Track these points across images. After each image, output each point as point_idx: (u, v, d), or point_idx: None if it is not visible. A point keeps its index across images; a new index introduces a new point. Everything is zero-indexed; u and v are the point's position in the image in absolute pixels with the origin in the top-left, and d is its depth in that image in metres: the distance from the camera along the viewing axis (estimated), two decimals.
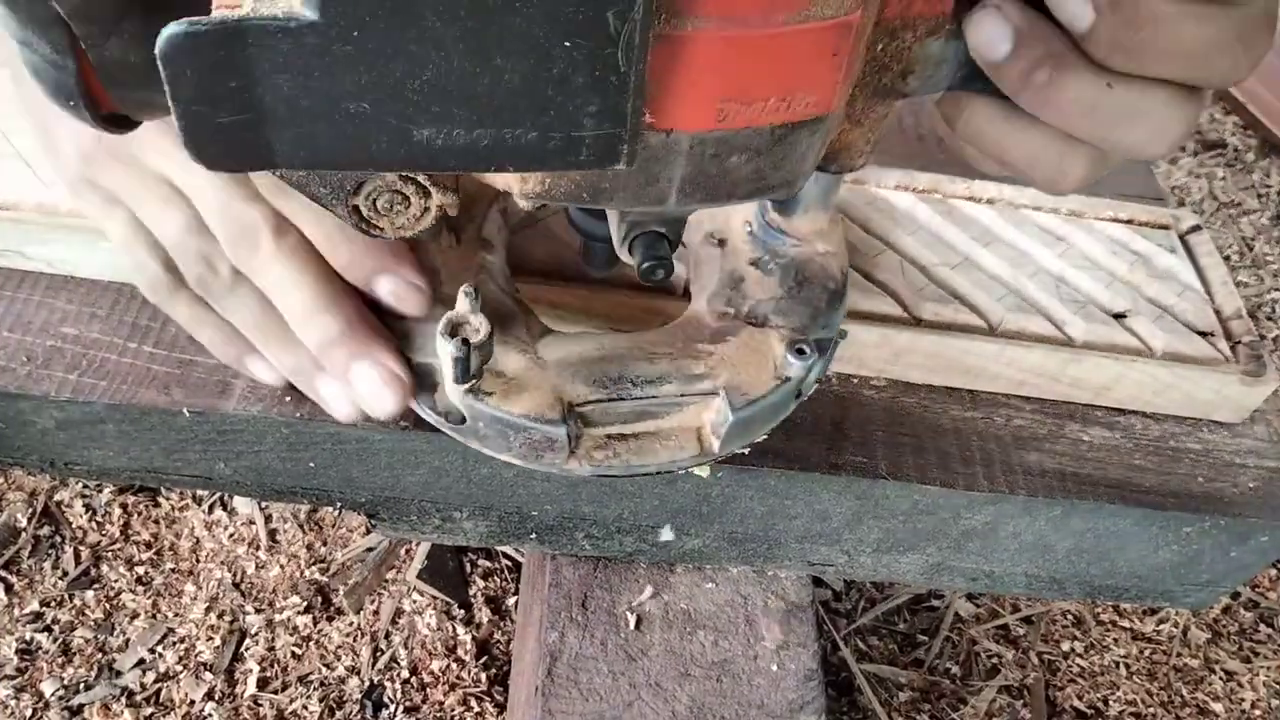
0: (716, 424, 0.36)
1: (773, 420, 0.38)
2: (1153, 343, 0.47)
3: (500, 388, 0.35)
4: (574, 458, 0.35)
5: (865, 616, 0.75)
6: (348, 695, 0.66)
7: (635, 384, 0.36)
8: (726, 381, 0.36)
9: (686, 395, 0.36)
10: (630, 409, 0.36)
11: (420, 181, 0.30)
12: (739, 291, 0.39)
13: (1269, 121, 1.28)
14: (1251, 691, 0.74)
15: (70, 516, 0.73)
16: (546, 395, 0.35)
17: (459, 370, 0.32)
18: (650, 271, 0.34)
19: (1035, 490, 0.44)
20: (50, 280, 0.45)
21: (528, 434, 0.34)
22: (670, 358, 0.37)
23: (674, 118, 0.26)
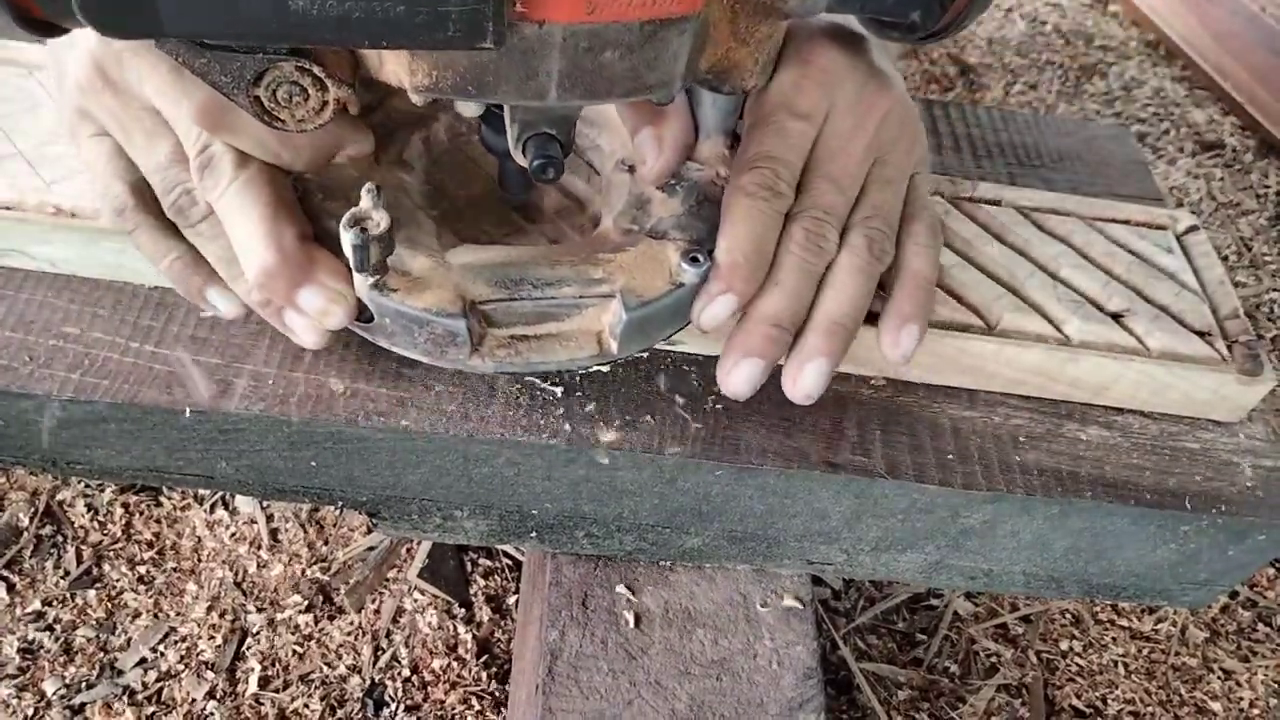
0: (613, 325, 0.38)
1: (670, 325, 0.40)
2: (1150, 342, 0.47)
3: (405, 285, 0.37)
4: (477, 355, 0.38)
5: (864, 615, 0.75)
6: (349, 694, 0.66)
7: (535, 285, 0.38)
8: (623, 285, 0.38)
9: (585, 297, 0.38)
10: (531, 309, 0.38)
11: (316, 74, 0.32)
12: (644, 211, 0.42)
13: (1267, 122, 1.28)
14: (1250, 690, 0.74)
15: (72, 516, 0.73)
16: (449, 292, 0.37)
17: (358, 258, 0.35)
18: (541, 169, 0.37)
19: (1033, 489, 0.44)
20: (52, 280, 0.45)
21: (430, 328, 0.37)
22: (571, 264, 0.39)
23: (545, 7, 0.28)
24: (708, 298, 0.39)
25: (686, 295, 0.39)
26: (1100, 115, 1.32)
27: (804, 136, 0.41)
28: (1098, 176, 0.63)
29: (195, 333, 0.44)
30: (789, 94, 0.41)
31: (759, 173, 0.40)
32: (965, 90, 1.34)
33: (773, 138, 0.41)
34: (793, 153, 0.41)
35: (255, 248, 0.37)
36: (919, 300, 0.42)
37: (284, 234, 0.37)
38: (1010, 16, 1.51)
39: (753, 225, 0.39)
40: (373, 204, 0.35)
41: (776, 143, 0.41)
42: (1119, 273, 0.51)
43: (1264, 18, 1.29)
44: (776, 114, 0.41)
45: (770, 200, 0.39)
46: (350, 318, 0.38)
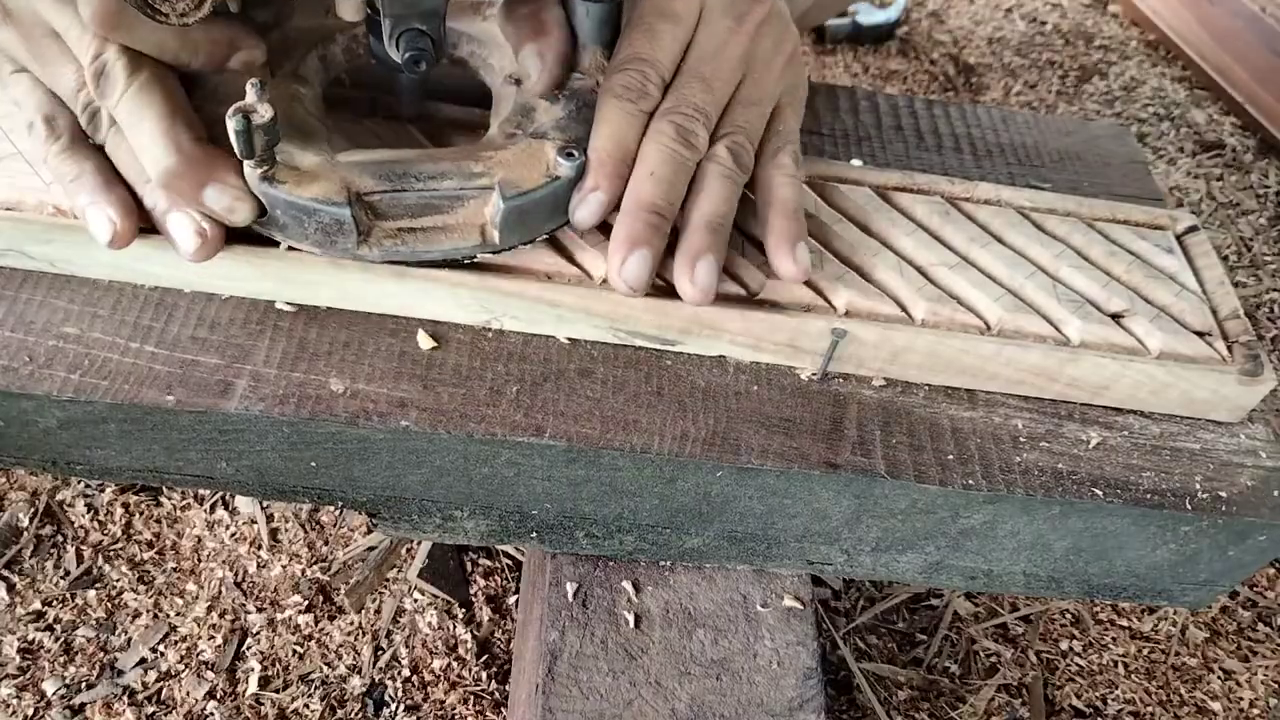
0: (494, 215, 0.41)
1: (550, 218, 0.43)
2: (1150, 343, 0.47)
3: (294, 178, 0.39)
4: (366, 245, 0.40)
5: (864, 615, 0.75)
6: (349, 694, 0.66)
7: (418, 179, 0.41)
8: (502, 178, 0.41)
9: (465, 189, 0.41)
10: (415, 201, 0.41)
11: None
12: (528, 119, 0.44)
13: (1267, 122, 1.28)
14: (1250, 690, 0.74)
15: (72, 516, 0.73)
16: (335, 184, 0.40)
17: (241, 144, 0.37)
18: (414, 61, 0.40)
19: (1033, 489, 0.44)
20: (52, 280, 0.45)
21: (318, 218, 0.39)
22: (454, 160, 0.42)
23: None
24: (580, 195, 0.41)
25: (563, 188, 0.41)
26: (1100, 115, 1.32)
27: (674, 38, 0.43)
28: (1098, 176, 0.63)
29: (195, 333, 0.44)
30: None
31: (627, 74, 0.42)
32: (965, 90, 1.34)
33: (641, 39, 0.42)
34: (662, 54, 0.42)
35: (156, 150, 0.38)
36: (798, 221, 0.43)
37: (182, 135, 0.38)
38: (1010, 16, 1.51)
39: (619, 125, 0.41)
40: (257, 96, 0.36)
41: (645, 44, 0.42)
42: (1119, 273, 0.51)
43: (1264, 18, 1.29)
44: (647, 16, 0.43)
45: (637, 101, 0.42)
46: (254, 213, 0.40)
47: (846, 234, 0.49)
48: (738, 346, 0.46)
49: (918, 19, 1.48)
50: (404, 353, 0.44)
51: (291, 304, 0.45)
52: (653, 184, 0.41)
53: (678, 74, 0.43)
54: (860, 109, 0.64)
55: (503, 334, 0.46)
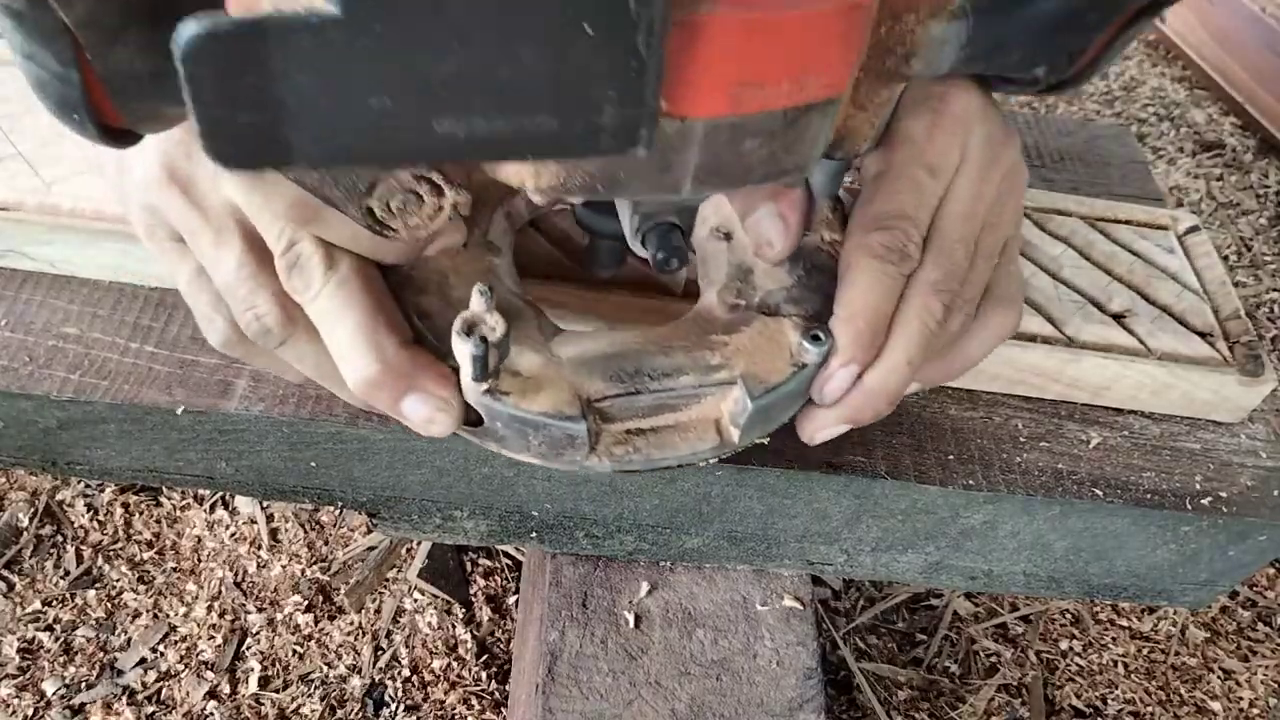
0: (735, 414, 0.35)
1: (791, 408, 0.37)
2: (1151, 343, 0.47)
3: (517, 387, 0.34)
4: (594, 454, 0.35)
5: (864, 615, 0.75)
6: (349, 694, 0.66)
7: (652, 377, 0.36)
8: (744, 370, 0.36)
9: (704, 386, 0.36)
10: (649, 403, 0.35)
11: (434, 180, 0.30)
12: (748, 283, 0.39)
13: (1267, 122, 1.28)
14: (1249, 690, 0.74)
15: (72, 516, 0.73)
16: (564, 392, 0.34)
17: (477, 369, 0.32)
18: (665, 262, 0.34)
19: (1033, 489, 0.44)
20: (52, 280, 0.45)
21: (547, 432, 0.34)
22: (685, 350, 0.37)
23: (689, 104, 0.26)
24: (830, 370, 0.36)
25: (809, 376, 0.36)
26: (1100, 115, 1.32)
27: (935, 194, 0.38)
28: (1098, 176, 0.63)
29: (195, 333, 0.44)
30: (922, 145, 0.37)
31: (890, 234, 0.36)
32: None
33: (906, 194, 0.37)
34: (924, 211, 0.37)
35: (355, 357, 0.34)
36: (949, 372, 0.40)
37: (385, 341, 0.34)
38: None
39: (879, 292, 0.36)
40: (486, 306, 0.32)
41: (909, 200, 0.37)
42: (1120, 273, 0.51)
43: (1264, 18, 1.29)
44: (909, 167, 0.37)
45: (899, 264, 0.36)
46: (457, 425, 0.35)
47: None
48: None
49: None
50: None
51: None
52: (905, 372, 0.36)
53: (934, 233, 0.37)
54: None
55: None
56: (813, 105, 0.28)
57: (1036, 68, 0.34)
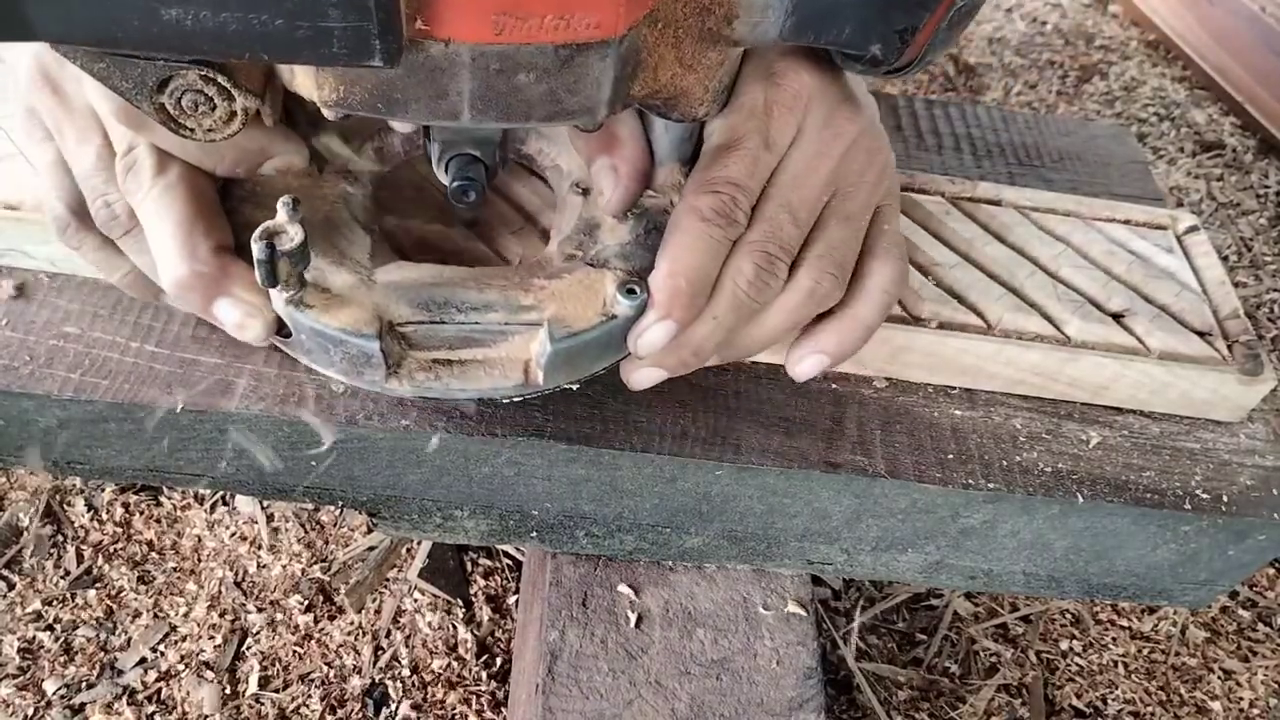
0: (540, 355, 0.37)
1: (602, 358, 0.39)
2: (1150, 342, 0.47)
3: (321, 302, 0.36)
4: (395, 377, 0.37)
5: (864, 615, 0.75)
6: (349, 694, 0.66)
7: (460, 309, 0.37)
8: (553, 314, 0.37)
9: (510, 324, 0.37)
10: (454, 334, 0.37)
11: (221, 83, 0.31)
12: (592, 237, 0.40)
13: (1267, 122, 1.28)
14: (1250, 690, 0.74)
15: (72, 515, 0.73)
16: (366, 312, 0.36)
17: (263, 273, 0.34)
18: (461, 191, 0.36)
19: (1033, 489, 0.44)
20: (53, 280, 0.45)
21: (345, 348, 0.36)
22: (502, 289, 0.38)
23: (450, 26, 0.27)
24: (647, 322, 0.37)
25: (619, 328, 0.37)
26: (1100, 115, 1.32)
27: (768, 165, 0.39)
28: (1098, 176, 0.63)
29: (195, 333, 0.44)
30: (760, 118, 0.39)
31: (718, 198, 0.37)
32: (965, 90, 1.34)
33: (737, 163, 0.38)
34: (754, 180, 0.39)
35: (169, 257, 0.36)
36: (846, 339, 0.41)
37: (199, 243, 0.36)
38: (1010, 16, 1.51)
39: (701, 252, 0.37)
40: (288, 217, 0.33)
41: (741, 169, 0.38)
42: (1119, 273, 0.51)
43: (1264, 18, 1.29)
44: (747, 138, 0.39)
45: (725, 228, 0.37)
46: (268, 332, 0.37)
47: None
48: None
49: None
50: None
51: None
52: (712, 328, 0.38)
53: (763, 199, 0.39)
54: None
55: None
56: (587, 46, 0.29)
57: (870, 44, 0.35)
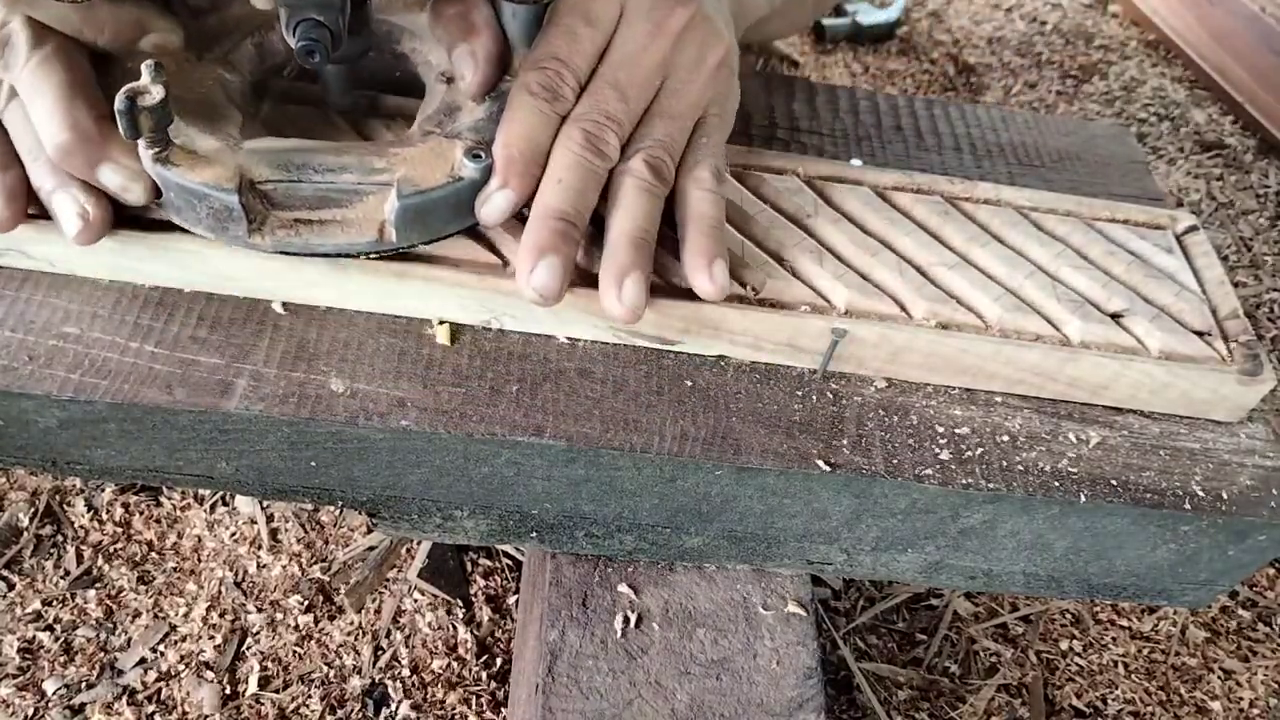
0: (390, 212, 0.40)
1: (452, 220, 0.42)
2: (1150, 342, 0.47)
3: (188, 161, 0.39)
4: (258, 234, 0.40)
5: (864, 615, 0.75)
6: (349, 694, 0.66)
7: (317, 170, 0.40)
8: (402, 176, 0.40)
9: (364, 184, 0.40)
10: (311, 193, 0.40)
11: None
12: (451, 118, 0.43)
13: (1267, 122, 1.28)
14: (1250, 690, 0.74)
15: (72, 516, 0.73)
16: (228, 170, 0.39)
17: (124, 125, 0.36)
18: (305, 52, 0.39)
19: (1033, 489, 0.44)
20: (52, 279, 0.45)
21: (209, 203, 0.39)
22: (357, 154, 0.41)
23: None
24: (487, 192, 0.40)
25: (466, 189, 0.41)
26: (1100, 115, 1.32)
27: (591, 42, 0.42)
28: (1098, 176, 0.63)
29: (195, 333, 0.44)
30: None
31: (542, 73, 0.41)
32: (965, 90, 1.34)
33: (559, 39, 0.42)
34: (579, 56, 0.42)
35: (52, 124, 0.38)
36: (715, 238, 0.42)
37: (80, 111, 0.38)
38: (1010, 16, 1.51)
39: (531, 123, 0.40)
40: (150, 78, 0.36)
41: (562, 45, 0.41)
42: (1118, 273, 0.51)
43: (1264, 18, 1.29)
44: (566, 17, 0.42)
45: (551, 102, 0.40)
46: (149, 196, 0.40)
47: (846, 234, 0.49)
48: (738, 346, 0.46)
49: (918, 19, 1.48)
50: (404, 352, 0.44)
51: (288, 305, 0.45)
52: (560, 191, 0.40)
53: (591, 79, 0.42)
54: (860, 109, 0.64)
55: (503, 333, 0.46)
56: None
57: None
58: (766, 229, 0.48)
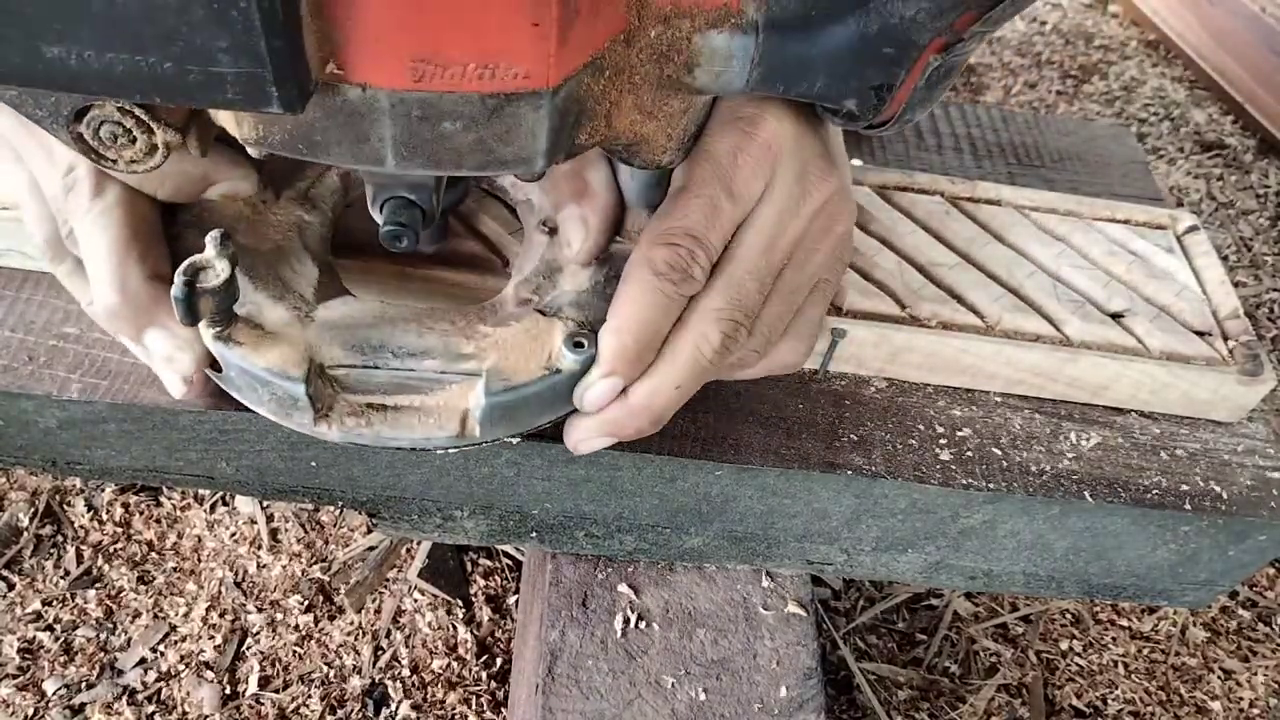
0: (476, 406, 0.35)
1: (545, 412, 0.37)
2: (1150, 342, 0.47)
3: (252, 339, 0.35)
4: (324, 421, 0.35)
5: (864, 615, 0.75)
6: (349, 694, 0.66)
7: (395, 354, 0.35)
8: (492, 365, 0.35)
9: (448, 373, 0.35)
10: (387, 379, 0.35)
11: (139, 115, 0.30)
12: (551, 281, 0.39)
13: (1267, 122, 1.28)
14: (1250, 690, 0.74)
15: (72, 516, 0.73)
16: (295, 352, 0.34)
17: (181, 311, 0.32)
18: (391, 236, 0.34)
19: (1033, 489, 0.44)
20: (52, 280, 0.45)
21: (272, 389, 0.34)
22: (443, 334, 0.36)
23: (364, 71, 0.26)
24: (590, 379, 0.35)
25: (563, 383, 0.36)
26: (1100, 115, 1.32)
27: (732, 219, 0.36)
28: (1098, 176, 0.63)
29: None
30: (725, 166, 0.35)
31: (673, 250, 0.35)
32: (965, 90, 1.34)
33: (697, 212, 0.35)
34: (715, 234, 0.36)
35: (99, 283, 0.35)
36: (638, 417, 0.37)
37: (131, 270, 0.35)
38: None
39: (653, 309, 0.35)
40: (215, 252, 0.32)
41: (699, 219, 0.35)
42: (1119, 273, 0.51)
43: (1264, 18, 1.29)
44: (707, 186, 0.35)
45: (679, 284, 0.35)
46: (199, 366, 0.36)
47: None
48: None
49: None
50: None
51: None
52: (669, 397, 0.36)
53: (725, 262, 0.36)
54: None
55: None
56: (516, 95, 0.28)
57: (845, 99, 0.33)
58: None
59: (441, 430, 0.35)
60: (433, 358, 0.35)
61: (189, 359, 0.36)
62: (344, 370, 0.35)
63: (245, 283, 0.36)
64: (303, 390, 0.34)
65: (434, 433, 0.35)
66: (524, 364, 0.35)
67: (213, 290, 0.32)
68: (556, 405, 0.37)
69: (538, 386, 0.35)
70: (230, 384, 0.36)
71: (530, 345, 0.36)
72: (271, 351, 0.34)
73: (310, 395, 0.34)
